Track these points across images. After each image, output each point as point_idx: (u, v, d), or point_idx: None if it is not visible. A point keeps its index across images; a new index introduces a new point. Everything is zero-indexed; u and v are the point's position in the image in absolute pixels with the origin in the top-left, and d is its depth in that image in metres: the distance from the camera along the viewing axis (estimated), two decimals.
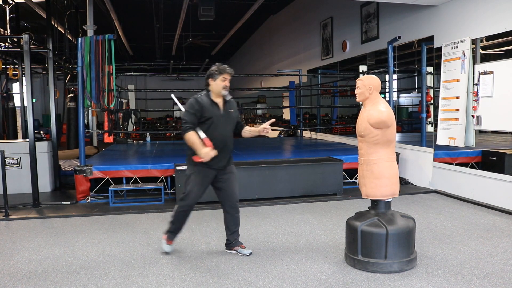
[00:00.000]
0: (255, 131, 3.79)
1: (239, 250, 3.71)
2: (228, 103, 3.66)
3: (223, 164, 3.61)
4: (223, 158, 3.59)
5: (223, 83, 3.56)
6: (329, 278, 3.13)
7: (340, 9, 9.48)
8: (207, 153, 3.41)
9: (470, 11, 5.57)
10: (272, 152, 7.51)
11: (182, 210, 3.64)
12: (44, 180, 6.41)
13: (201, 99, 3.56)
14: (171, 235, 3.73)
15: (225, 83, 3.57)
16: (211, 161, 3.48)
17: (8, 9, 9.12)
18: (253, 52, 18.72)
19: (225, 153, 3.60)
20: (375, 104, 3.33)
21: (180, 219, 3.68)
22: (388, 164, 3.33)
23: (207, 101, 3.57)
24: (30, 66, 5.71)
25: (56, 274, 3.30)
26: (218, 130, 3.55)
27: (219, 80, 3.56)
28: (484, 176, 5.35)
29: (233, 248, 3.73)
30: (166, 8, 12.23)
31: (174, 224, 3.69)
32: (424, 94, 6.83)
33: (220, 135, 3.56)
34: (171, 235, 3.73)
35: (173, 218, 3.68)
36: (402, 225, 3.24)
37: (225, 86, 3.56)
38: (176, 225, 3.70)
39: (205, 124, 3.54)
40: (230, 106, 3.68)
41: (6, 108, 9.78)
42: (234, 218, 3.72)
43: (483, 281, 3.02)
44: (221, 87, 3.56)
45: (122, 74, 10.04)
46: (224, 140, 3.58)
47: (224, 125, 3.59)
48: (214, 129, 3.53)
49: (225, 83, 3.57)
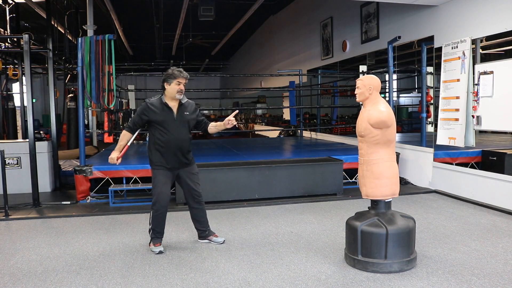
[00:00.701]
0: (221, 125, 3.88)
1: (212, 239, 3.91)
2: (183, 106, 3.73)
3: (177, 166, 3.75)
4: (177, 161, 3.72)
5: (177, 87, 3.63)
6: (329, 278, 3.13)
7: (340, 9, 9.48)
8: (112, 158, 3.74)
9: (470, 11, 5.57)
10: (272, 152, 7.51)
11: (157, 213, 3.73)
12: (44, 180, 6.41)
13: (151, 103, 3.69)
14: (156, 240, 3.80)
15: (180, 86, 3.64)
16: (166, 163, 3.69)
17: (8, 9, 9.12)
18: (253, 52, 18.72)
19: (178, 156, 3.71)
20: (375, 104, 3.33)
21: (158, 223, 3.77)
22: (388, 164, 3.33)
23: (158, 105, 3.68)
24: (30, 66, 5.71)
25: (56, 274, 3.30)
26: (170, 133, 3.67)
27: (174, 84, 3.65)
28: (484, 176, 5.35)
29: (207, 238, 3.94)
30: (166, 8, 12.23)
31: (155, 229, 3.78)
32: (424, 94, 6.83)
33: (173, 139, 3.66)
34: (155, 240, 3.80)
35: (152, 225, 3.78)
36: (402, 225, 3.24)
37: (179, 90, 3.64)
38: (157, 229, 3.79)
39: (156, 128, 3.67)
40: (186, 109, 3.75)
41: (6, 108, 9.78)
42: (200, 210, 3.93)
43: (483, 281, 3.02)
44: (175, 91, 3.64)
45: (122, 74, 10.01)
46: (178, 144, 3.69)
47: (178, 128, 3.70)
48: (165, 132, 3.65)
49: (180, 86, 3.64)
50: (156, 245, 3.76)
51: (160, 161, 3.69)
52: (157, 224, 3.76)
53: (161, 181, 3.69)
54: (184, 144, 3.71)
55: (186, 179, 3.82)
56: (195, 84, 25.28)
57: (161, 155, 3.68)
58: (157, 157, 3.69)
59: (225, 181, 5.62)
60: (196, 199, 3.87)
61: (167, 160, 3.68)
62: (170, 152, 3.66)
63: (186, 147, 3.73)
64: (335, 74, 10.45)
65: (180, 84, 3.64)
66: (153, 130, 3.70)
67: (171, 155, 3.67)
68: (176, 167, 3.75)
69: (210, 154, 7.18)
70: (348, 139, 8.97)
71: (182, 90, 3.66)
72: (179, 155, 3.70)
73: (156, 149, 3.69)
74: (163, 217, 3.75)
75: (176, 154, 3.68)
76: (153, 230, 3.78)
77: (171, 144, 3.65)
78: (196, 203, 3.89)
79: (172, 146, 3.65)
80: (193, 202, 3.88)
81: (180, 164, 3.75)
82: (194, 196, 3.86)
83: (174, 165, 3.72)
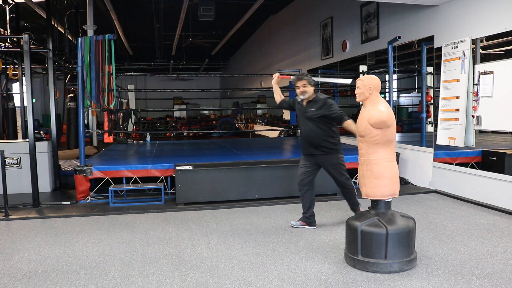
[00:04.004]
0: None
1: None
2: (311, 102, 4.32)
3: (309, 153, 4.44)
4: (309, 150, 4.43)
5: (297, 90, 4.27)
6: (329, 278, 3.13)
7: (340, 9, 9.48)
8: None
9: (470, 11, 5.57)
10: (272, 152, 7.51)
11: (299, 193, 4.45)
12: (44, 180, 6.40)
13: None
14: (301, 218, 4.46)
15: (299, 90, 4.26)
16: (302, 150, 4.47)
17: (8, 9, 9.11)
18: (253, 52, 18.71)
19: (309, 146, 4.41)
20: (375, 104, 3.34)
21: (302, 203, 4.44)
22: (388, 164, 3.33)
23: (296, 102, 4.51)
24: (30, 66, 5.71)
25: (56, 274, 3.30)
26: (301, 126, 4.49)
27: (296, 88, 4.31)
28: (484, 176, 5.34)
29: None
30: (166, 8, 12.23)
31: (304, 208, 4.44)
32: (424, 94, 6.83)
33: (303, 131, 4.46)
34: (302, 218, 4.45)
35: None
36: (402, 225, 3.24)
37: (299, 92, 4.26)
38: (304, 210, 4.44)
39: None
40: (313, 105, 4.31)
41: (6, 108, 9.78)
42: (344, 192, 4.52)
43: (483, 281, 3.02)
44: (298, 93, 4.30)
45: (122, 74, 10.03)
46: (307, 135, 4.41)
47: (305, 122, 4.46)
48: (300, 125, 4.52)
49: (299, 90, 4.26)
50: (298, 221, 4.44)
51: (302, 148, 4.46)
52: (303, 204, 4.40)
53: (300, 165, 4.42)
54: (312, 135, 4.27)
55: (328, 168, 4.37)
56: (195, 84, 25.30)
57: (301, 143, 4.46)
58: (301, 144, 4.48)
59: (225, 181, 5.62)
60: (339, 184, 4.46)
61: (303, 147, 4.43)
62: (303, 141, 4.38)
63: (315, 139, 4.25)
64: (335, 74, 10.44)
65: (299, 88, 4.24)
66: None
67: (305, 144, 4.37)
68: (309, 154, 4.36)
69: (210, 154, 7.18)
70: (348, 139, 8.96)
71: (302, 92, 4.25)
72: (310, 145, 4.31)
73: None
74: (302, 197, 4.40)
75: (308, 144, 4.33)
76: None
77: (302, 135, 4.38)
78: (340, 186, 4.49)
79: (303, 137, 4.37)
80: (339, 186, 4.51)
81: (312, 152, 4.32)
82: (336, 182, 4.46)
83: (306, 152, 4.40)
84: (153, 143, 9.38)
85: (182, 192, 5.49)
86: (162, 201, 5.65)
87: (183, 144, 9.80)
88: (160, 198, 5.70)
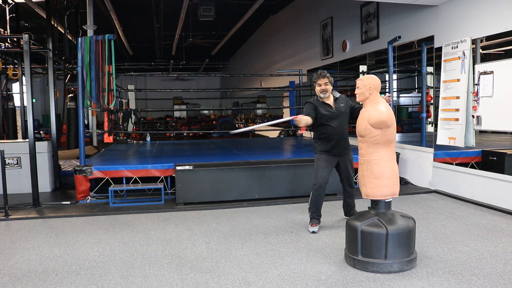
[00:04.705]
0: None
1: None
2: (337, 100, 4.30)
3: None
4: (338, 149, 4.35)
5: (318, 88, 4.20)
6: (329, 278, 3.13)
7: (340, 9, 9.48)
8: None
9: (470, 11, 5.57)
10: (272, 152, 7.51)
11: (314, 194, 4.27)
12: (44, 180, 6.40)
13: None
14: (313, 220, 4.29)
15: (320, 88, 4.18)
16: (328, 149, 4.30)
17: (8, 9, 9.11)
18: (253, 52, 18.71)
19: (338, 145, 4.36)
20: (375, 104, 3.34)
21: (315, 203, 4.28)
22: (388, 164, 3.33)
23: (315, 102, 4.32)
24: (30, 66, 5.71)
25: (56, 274, 3.30)
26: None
27: (316, 86, 4.24)
28: (484, 176, 5.34)
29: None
30: (166, 8, 12.23)
31: (311, 209, 4.30)
32: (424, 94, 6.82)
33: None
34: (313, 220, 4.29)
35: (310, 204, 4.29)
36: (402, 225, 3.24)
37: (321, 90, 4.18)
38: (313, 209, 4.29)
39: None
40: (340, 103, 4.30)
41: (6, 108, 9.78)
42: (349, 193, 4.50)
43: (483, 281, 3.02)
44: (318, 92, 4.23)
45: (122, 74, 10.01)
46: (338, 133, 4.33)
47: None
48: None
49: (320, 88, 4.18)
50: (313, 225, 4.24)
51: (329, 148, 4.29)
52: (312, 204, 4.29)
53: (321, 166, 4.28)
54: (344, 133, 4.30)
55: (348, 165, 4.38)
56: (195, 84, 25.30)
57: (330, 144, 4.28)
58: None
59: (225, 181, 5.62)
60: (349, 183, 4.47)
61: (331, 148, 4.28)
62: (334, 141, 4.25)
63: (346, 137, 4.32)
64: (335, 74, 10.43)
65: (320, 86, 4.18)
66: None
67: (336, 144, 4.27)
68: (338, 154, 4.32)
69: (210, 154, 7.18)
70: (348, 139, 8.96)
71: (324, 90, 4.18)
72: (341, 144, 4.30)
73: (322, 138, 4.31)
74: (321, 197, 4.29)
75: (339, 143, 4.28)
76: (310, 210, 4.32)
77: (333, 135, 4.25)
78: (348, 186, 4.48)
79: (334, 137, 4.24)
80: (346, 185, 4.48)
81: (341, 152, 4.32)
82: (347, 181, 4.45)
83: (335, 153, 4.30)
84: (153, 143, 9.38)
85: (182, 192, 5.49)
86: (162, 201, 5.65)
87: (183, 144, 9.79)
88: (160, 198, 5.70)
